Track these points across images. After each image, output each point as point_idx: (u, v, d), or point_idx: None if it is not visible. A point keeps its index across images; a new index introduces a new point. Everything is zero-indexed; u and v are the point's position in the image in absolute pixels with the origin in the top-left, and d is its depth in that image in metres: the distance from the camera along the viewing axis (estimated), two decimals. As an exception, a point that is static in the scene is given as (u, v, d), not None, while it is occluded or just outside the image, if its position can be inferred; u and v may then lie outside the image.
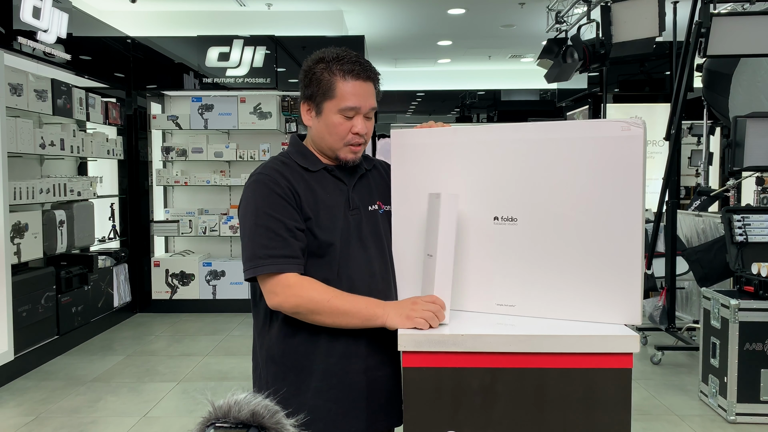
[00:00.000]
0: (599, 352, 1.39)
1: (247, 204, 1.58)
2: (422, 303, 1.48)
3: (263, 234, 1.53)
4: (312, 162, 1.64)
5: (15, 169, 4.87)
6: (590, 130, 1.47)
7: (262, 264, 1.52)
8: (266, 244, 1.52)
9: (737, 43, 4.35)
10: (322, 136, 1.62)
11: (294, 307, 1.51)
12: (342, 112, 1.58)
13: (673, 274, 4.95)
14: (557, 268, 1.51)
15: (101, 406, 4.02)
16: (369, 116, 1.63)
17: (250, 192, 1.59)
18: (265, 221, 1.53)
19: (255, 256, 1.53)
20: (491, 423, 1.41)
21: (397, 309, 1.50)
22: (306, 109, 1.64)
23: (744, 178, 5.57)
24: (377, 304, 1.52)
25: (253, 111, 6.65)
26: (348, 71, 1.57)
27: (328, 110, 1.59)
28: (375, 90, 1.63)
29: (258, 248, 1.52)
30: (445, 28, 8.86)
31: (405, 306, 1.50)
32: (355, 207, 1.64)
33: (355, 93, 1.57)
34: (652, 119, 7.78)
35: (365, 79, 1.59)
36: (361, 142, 1.62)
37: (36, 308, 4.82)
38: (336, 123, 1.59)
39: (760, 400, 3.64)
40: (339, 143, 1.61)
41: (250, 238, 1.54)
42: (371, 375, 1.61)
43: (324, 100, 1.59)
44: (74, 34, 5.34)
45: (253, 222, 1.55)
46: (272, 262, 1.51)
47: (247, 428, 0.94)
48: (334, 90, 1.57)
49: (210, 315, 6.48)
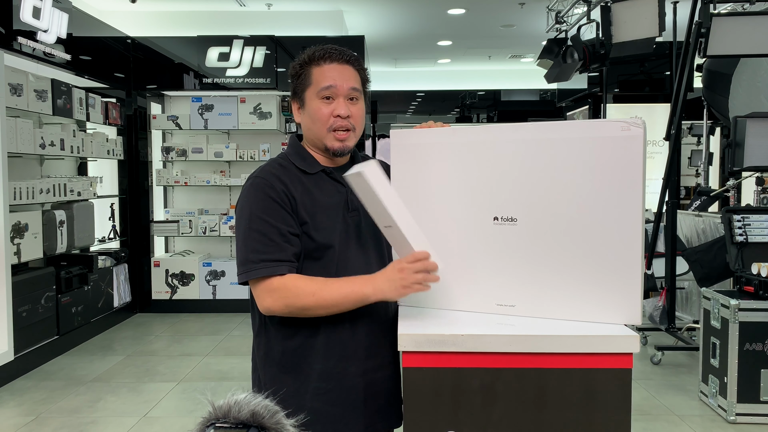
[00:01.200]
0: (599, 352, 1.39)
1: (242, 208, 1.58)
2: (408, 266, 1.47)
3: (256, 238, 1.53)
4: (310, 164, 1.64)
5: (15, 169, 4.87)
6: (590, 130, 1.47)
7: (254, 268, 1.52)
8: (258, 249, 1.52)
9: (737, 43, 4.35)
10: (309, 127, 1.63)
11: (284, 307, 1.51)
12: (320, 94, 1.59)
13: (673, 274, 4.95)
14: (557, 268, 1.50)
15: (101, 406, 4.02)
16: (354, 98, 1.62)
17: (245, 196, 1.60)
18: (258, 225, 1.53)
19: (247, 260, 1.53)
20: (491, 423, 1.41)
21: (387, 281, 1.48)
22: (296, 107, 1.67)
23: (744, 178, 5.57)
24: (364, 283, 1.50)
25: (253, 111, 6.65)
26: (320, 57, 1.60)
27: (309, 99, 1.61)
28: (358, 75, 1.64)
29: (250, 252, 1.52)
30: (445, 28, 8.86)
31: (394, 276, 1.47)
32: (354, 208, 1.63)
33: (330, 75, 1.59)
34: (652, 119, 7.78)
35: (340, 62, 1.61)
36: (346, 127, 1.60)
37: (36, 308, 4.82)
38: (316, 108, 1.59)
39: (760, 400, 3.64)
40: (323, 130, 1.60)
41: (243, 242, 1.55)
42: (370, 377, 1.61)
43: (304, 90, 1.61)
44: (74, 34, 5.34)
45: (246, 226, 1.55)
46: (263, 266, 1.51)
47: (247, 428, 0.94)
48: (311, 76, 1.60)
49: (210, 315, 6.48)
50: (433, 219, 1.62)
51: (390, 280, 1.48)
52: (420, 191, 1.63)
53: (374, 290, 1.49)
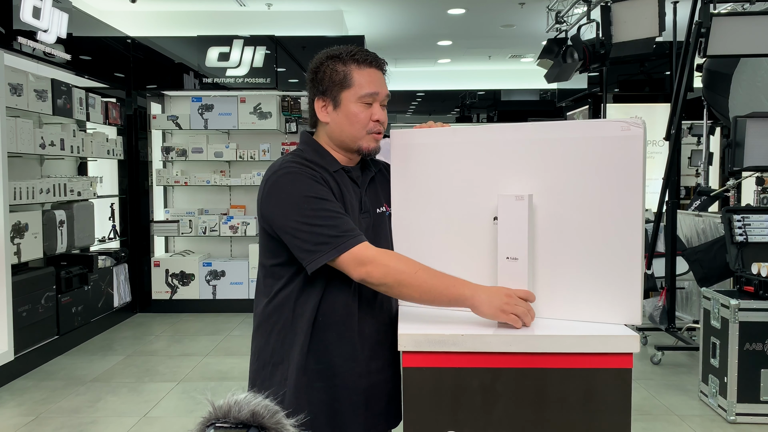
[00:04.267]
0: (599, 352, 1.39)
1: (289, 196, 1.51)
2: (516, 298, 1.43)
3: (323, 216, 1.48)
4: (329, 162, 1.62)
5: (15, 169, 4.87)
6: (590, 130, 1.47)
7: (339, 242, 1.46)
8: (331, 224, 1.48)
9: (737, 43, 4.34)
10: (342, 128, 1.61)
11: (382, 276, 1.46)
12: (361, 99, 1.58)
13: (673, 274, 4.95)
14: (557, 268, 1.51)
15: (101, 406, 4.02)
16: (384, 105, 1.64)
17: (286, 185, 1.52)
18: (318, 205, 1.49)
19: (326, 238, 1.46)
20: (491, 423, 1.41)
21: (490, 297, 1.43)
22: (321, 105, 1.62)
23: (744, 178, 5.57)
24: (464, 284, 1.46)
25: (253, 111, 6.65)
26: (362, 60, 1.60)
27: (346, 100, 1.59)
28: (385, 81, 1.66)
29: (325, 230, 1.47)
30: (445, 28, 8.86)
31: (498, 296, 1.43)
32: (366, 210, 1.64)
33: (372, 80, 1.59)
34: (652, 119, 7.77)
35: (377, 68, 1.62)
36: (381, 131, 1.63)
37: (36, 308, 4.82)
38: (356, 112, 1.59)
39: (760, 400, 3.64)
40: (361, 132, 1.60)
41: (310, 225, 1.48)
42: (372, 378, 1.61)
43: (341, 90, 1.59)
44: (74, 34, 5.34)
45: (305, 210, 1.49)
46: (348, 237, 1.47)
47: (247, 428, 0.94)
48: (351, 79, 1.58)
49: (210, 315, 6.48)
50: (433, 219, 1.62)
51: (492, 296, 1.43)
52: (419, 191, 1.63)
53: (472, 294, 1.45)
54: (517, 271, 1.48)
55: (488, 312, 1.43)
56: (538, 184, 1.50)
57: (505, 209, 1.49)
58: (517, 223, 1.47)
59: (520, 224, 1.47)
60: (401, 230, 1.67)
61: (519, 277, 1.48)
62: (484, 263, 1.57)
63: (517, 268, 1.48)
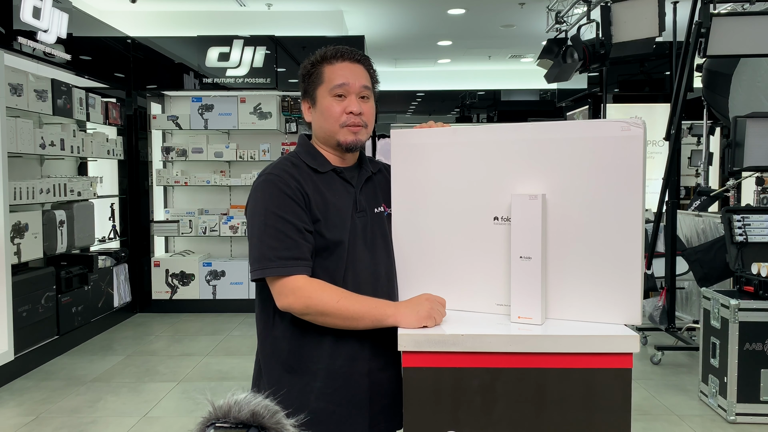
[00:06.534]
0: (599, 352, 1.39)
1: (256, 204, 1.57)
2: (437, 302, 1.50)
3: (272, 235, 1.52)
4: (321, 163, 1.64)
5: (15, 169, 4.87)
6: (590, 130, 1.47)
7: (271, 265, 1.51)
8: (275, 246, 1.51)
9: (737, 43, 4.35)
10: (320, 124, 1.64)
11: (304, 308, 1.50)
12: (332, 92, 1.60)
13: (673, 274, 4.95)
14: (557, 267, 1.51)
15: (101, 406, 4.02)
16: (365, 97, 1.63)
17: (259, 192, 1.58)
18: (274, 222, 1.52)
19: (263, 257, 1.52)
20: (491, 423, 1.41)
21: (414, 307, 1.49)
22: (306, 107, 1.68)
23: (744, 178, 5.57)
24: (387, 304, 1.51)
25: (253, 111, 6.65)
26: (332, 56, 1.63)
27: (320, 97, 1.62)
28: (368, 74, 1.66)
29: (267, 249, 1.51)
30: (445, 28, 8.86)
31: (421, 304, 1.49)
32: (362, 209, 1.64)
33: (342, 73, 1.61)
34: (652, 119, 7.77)
35: (352, 61, 1.63)
36: (358, 123, 1.61)
37: (36, 308, 4.82)
38: (328, 105, 1.61)
39: (760, 400, 3.64)
40: (335, 125, 1.61)
41: (259, 238, 1.53)
42: (375, 377, 1.61)
43: (316, 88, 1.63)
44: (74, 34, 5.34)
45: (262, 222, 1.54)
46: (281, 264, 1.50)
47: (247, 428, 0.94)
48: (323, 75, 1.62)
49: (210, 315, 6.48)
50: (433, 219, 1.62)
51: (417, 306, 1.49)
52: (420, 191, 1.63)
53: (395, 312, 1.49)
54: (532, 270, 1.49)
55: (413, 321, 1.47)
56: (538, 184, 1.50)
57: (518, 208, 1.49)
58: (531, 222, 1.47)
59: (534, 223, 1.47)
60: (401, 230, 1.67)
61: (533, 276, 1.48)
62: (484, 263, 1.57)
63: (531, 267, 1.48)
